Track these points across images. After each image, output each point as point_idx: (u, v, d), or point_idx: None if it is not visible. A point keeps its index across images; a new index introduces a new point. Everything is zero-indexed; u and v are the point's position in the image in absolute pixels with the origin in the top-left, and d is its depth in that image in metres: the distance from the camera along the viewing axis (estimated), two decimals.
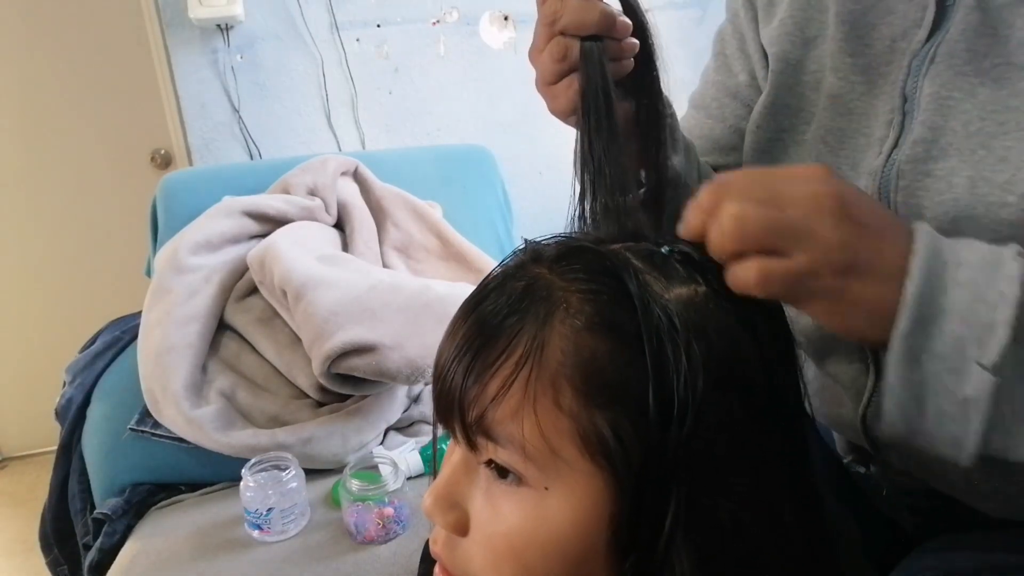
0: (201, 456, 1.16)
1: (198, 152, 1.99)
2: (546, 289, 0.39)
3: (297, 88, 2.00)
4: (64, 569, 1.27)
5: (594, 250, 0.40)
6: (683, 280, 0.39)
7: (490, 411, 0.38)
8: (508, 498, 0.39)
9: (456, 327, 0.41)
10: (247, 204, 1.41)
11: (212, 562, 1.00)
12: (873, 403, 0.57)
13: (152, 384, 1.19)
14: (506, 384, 0.38)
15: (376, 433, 1.21)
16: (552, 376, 0.37)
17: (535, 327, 0.38)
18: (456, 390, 0.39)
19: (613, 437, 0.37)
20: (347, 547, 1.01)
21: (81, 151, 2.23)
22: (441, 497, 0.41)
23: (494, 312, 0.39)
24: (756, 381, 0.39)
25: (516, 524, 0.39)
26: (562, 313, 0.38)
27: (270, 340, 1.26)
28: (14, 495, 2.28)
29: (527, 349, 0.38)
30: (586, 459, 0.37)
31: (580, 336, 0.37)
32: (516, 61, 2.12)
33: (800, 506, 0.40)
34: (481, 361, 0.39)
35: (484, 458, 0.40)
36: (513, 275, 0.41)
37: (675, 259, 0.40)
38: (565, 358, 0.37)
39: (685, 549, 0.37)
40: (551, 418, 0.37)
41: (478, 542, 0.40)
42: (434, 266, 1.52)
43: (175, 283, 1.29)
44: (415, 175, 1.66)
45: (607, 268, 0.39)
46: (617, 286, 0.38)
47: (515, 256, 0.43)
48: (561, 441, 0.37)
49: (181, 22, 1.88)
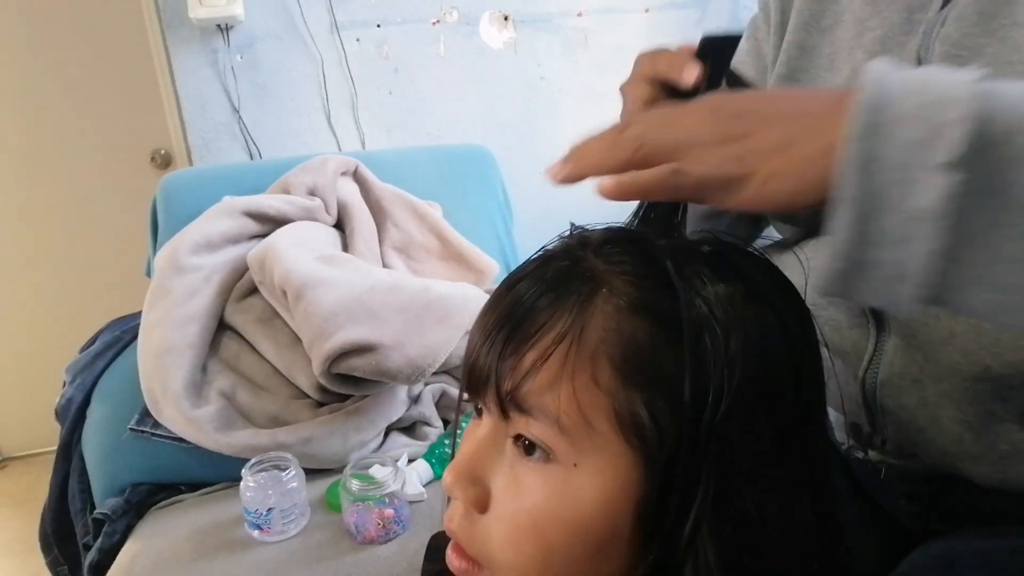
0: (201, 456, 1.16)
1: (198, 152, 1.99)
2: (590, 270, 0.39)
3: (297, 88, 2.00)
4: (64, 569, 1.27)
5: (639, 239, 0.41)
6: (722, 278, 0.39)
7: (526, 382, 0.38)
8: (534, 474, 0.39)
9: (495, 303, 0.41)
10: (247, 204, 1.41)
11: (212, 562, 1.00)
12: (873, 365, 0.58)
13: (152, 384, 1.19)
14: (544, 356, 0.38)
15: (376, 433, 1.21)
16: (592, 352, 0.37)
17: (577, 304, 0.38)
18: (492, 363, 0.39)
19: (649, 418, 0.37)
20: (347, 547, 1.01)
21: (81, 151, 2.23)
22: (463, 472, 0.41)
23: (534, 291, 0.40)
24: (785, 378, 0.39)
25: (541, 500, 0.38)
26: (605, 293, 0.38)
27: (270, 340, 1.26)
28: (14, 495, 2.28)
29: (567, 324, 0.38)
30: (619, 437, 0.37)
31: (622, 316, 0.38)
32: (516, 61, 2.12)
33: (818, 502, 0.40)
34: (519, 335, 0.39)
35: (513, 432, 0.40)
36: (557, 256, 0.41)
37: (714, 259, 0.41)
38: (607, 335, 0.37)
39: (710, 538, 0.37)
40: (588, 393, 0.37)
41: (499, 518, 0.40)
42: (434, 266, 1.52)
43: (175, 283, 1.29)
44: (415, 175, 1.66)
45: (651, 257, 0.40)
46: (660, 275, 0.39)
47: (559, 239, 0.44)
48: (596, 416, 0.37)
49: (181, 22, 1.88)
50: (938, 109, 0.34)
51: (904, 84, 0.35)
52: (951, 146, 0.33)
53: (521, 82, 2.14)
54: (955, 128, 0.33)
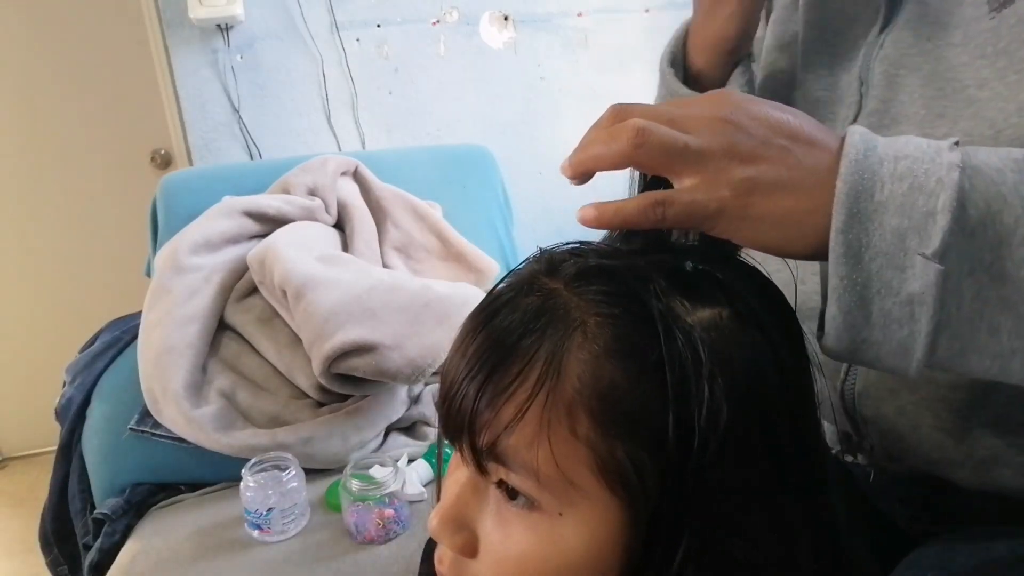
0: (201, 456, 1.16)
1: (198, 152, 1.99)
2: (563, 308, 0.37)
3: (297, 88, 2.00)
4: (64, 569, 1.27)
5: (615, 269, 0.38)
6: (707, 301, 0.37)
7: (503, 438, 0.36)
8: (520, 521, 0.38)
9: (466, 341, 0.39)
10: (247, 204, 1.41)
11: (212, 562, 1.00)
12: (850, 376, 0.59)
13: (152, 384, 1.19)
14: (521, 411, 0.36)
15: (376, 433, 1.21)
16: (568, 404, 0.36)
17: (551, 350, 0.36)
18: (467, 412, 0.38)
19: (632, 468, 0.35)
20: (347, 547, 1.01)
21: (81, 151, 2.23)
22: (448, 519, 0.40)
23: (508, 330, 0.37)
24: (778, 410, 0.38)
25: (528, 549, 0.38)
26: (579, 336, 0.36)
27: (270, 340, 1.26)
28: (14, 495, 2.28)
29: (542, 373, 0.36)
30: (603, 487, 0.36)
31: (598, 362, 0.36)
32: (516, 61, 2.12)
33: (816, 544, 0.39)
34: (494, 384, 0.37)
35: (495, 479, 0.38)
36: (527, 289, 0.39)
37: (699, 276, 0.38)
38: (582, 385, 0.35)
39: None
40: (567, 447, 0.36)
41: (488, 565, 0.39)
42: (434, 266, 1.52)
43: (175, 283, 1.29)
44: (415, 175, 1.66)
45: (628, 290, 0.37)
46: (638, 310, 0.36)
47: (528, 264, 0.41)
48: (577, 469, 0.36)
49: (181, 22, 1.88)
50: (920, 197, 0.36)
51: (886, 165, 0.37)
52: (936, 235, 0.35)
53: (521, 82, 2.14)
54: (939, 218, 0.35)
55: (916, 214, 0.36)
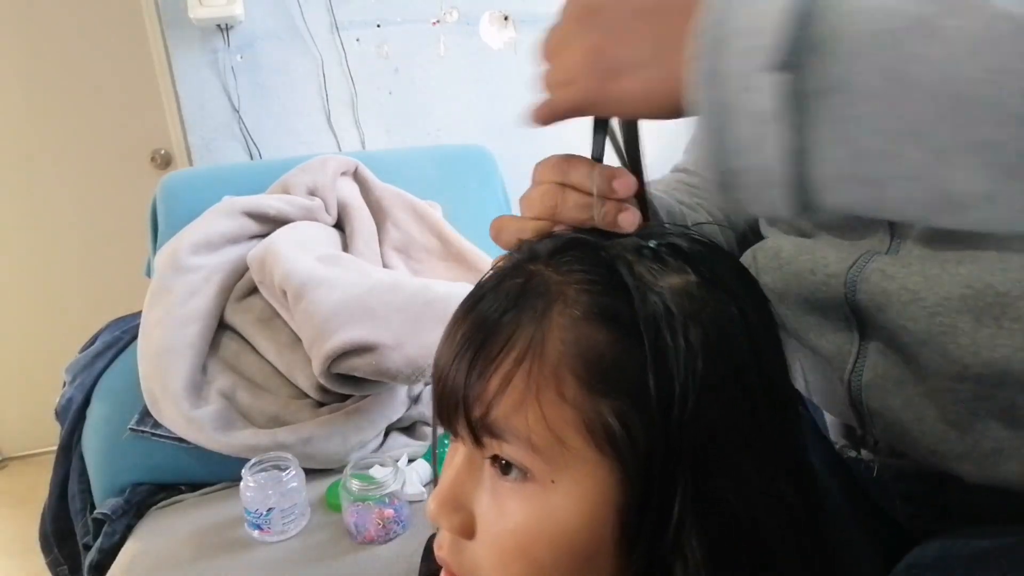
0: (201, 456, 1.16)
1: (198, 152, 1.99)
2: (543, 284, 0.40)
3: (297, 88, 2.00)
4: (64, 569, 1.27)
5: (588, 242, 0.42)
6: (674, 270, 0.40)
7: (494, 407, 0.38)
8: (514, 495, 0.39)
9: (455, 328, 0.42)
10: (247, 204, 1.41)
11: (212, 562, 1.00)
12: (857, 367, 0.59)
13: (152, 384, 1.19)
14: (508, 378, 0.38)
15: (376, 433, 1.21)
16: (554, 367, 0.37)
17: (534, 321, 0.38)
18: (459, 389, 0.39)
19: (618, 424, 0.37)
20: (347, 547, 1.01)
21: (81, 151, 2.23)
22: (446, 500, 0.41)
23: (493, 310, 0.40)
24: (749, 365, 0.39)
25: (522, 520, 0.39)
26: (560, 305, 0.38)
27: (270, 340, 1.26)
28: (14, 495, 2.29)
29: (527, 343, 0.38)
30: (592, 448, 0.37)
31: (579, 326, 0.38)
32: (516, 61, 2.12)
33: (797, 477, 0.41)
34: (482, 358, 0.39)
35: (488, 454, 0.40)
36: (510, 274, 0.41)
37: (663, 252, 0.41)
38: (566, 348, 0.38)
39: (696, 536, 0.37)
40: (555, 409, 0.37)
41: (485, 543, 0.40)
42: (434, 266, 1.52)
43: (175, 283, 1.29)
44: (415, 175, 1.66)
45: (602, 259, 0.40)
46: (612, 277, 0.39)
47: (510, 256, 0.44)
48: (567, 431, 0.37)
49: (181, 22, 1.88)
50: (764, 15, 0.35)
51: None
52: (773, 46, 0.34)
53: (521, 82, 2.14)
54: (776, 31, 0.34)
55: (758, 30, 0.34)
